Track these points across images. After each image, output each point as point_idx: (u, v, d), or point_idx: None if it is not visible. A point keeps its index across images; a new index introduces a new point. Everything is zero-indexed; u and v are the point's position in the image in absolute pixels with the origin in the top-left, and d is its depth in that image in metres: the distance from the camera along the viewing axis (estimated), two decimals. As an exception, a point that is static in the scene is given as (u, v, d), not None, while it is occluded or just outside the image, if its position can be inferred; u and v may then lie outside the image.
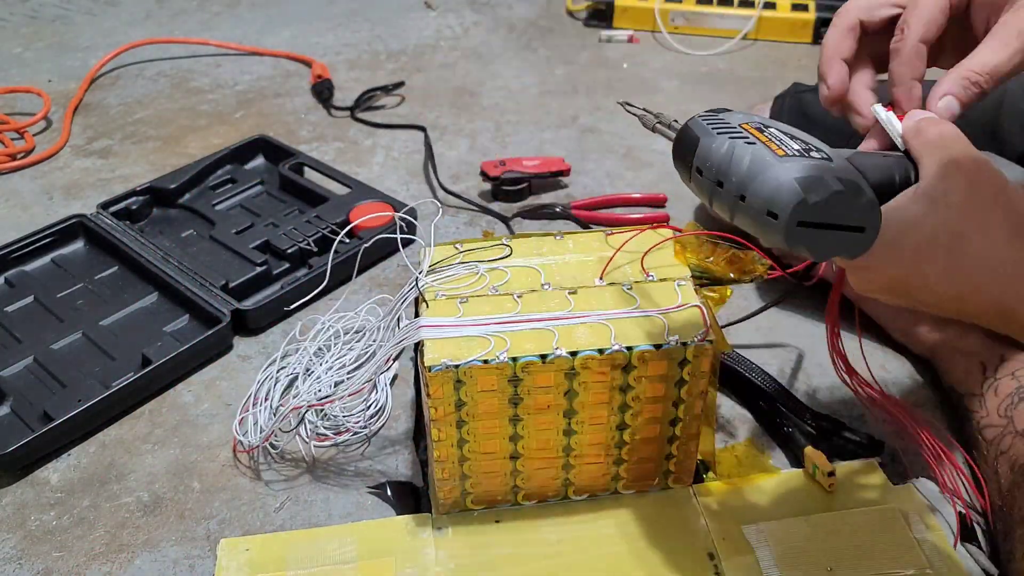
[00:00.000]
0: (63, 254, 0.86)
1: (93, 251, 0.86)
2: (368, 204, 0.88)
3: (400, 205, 0.88)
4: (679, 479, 0.61)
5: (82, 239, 0.87)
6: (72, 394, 0.69)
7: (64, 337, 0.75)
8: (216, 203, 0.92)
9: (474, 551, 0.58)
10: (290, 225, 0.86)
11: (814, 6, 1.30)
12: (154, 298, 0.80)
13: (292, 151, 0.97)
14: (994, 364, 0.64)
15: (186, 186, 0.93)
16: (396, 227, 0.83)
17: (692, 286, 0.57)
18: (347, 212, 0.87)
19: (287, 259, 0.83)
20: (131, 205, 0.89)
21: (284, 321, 0.78)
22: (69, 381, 0.70)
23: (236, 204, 0.93)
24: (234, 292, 0.78)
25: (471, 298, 0.56)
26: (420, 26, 1.36)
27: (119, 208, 0.89)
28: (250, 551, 0.58)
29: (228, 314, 0.74)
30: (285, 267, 0.83)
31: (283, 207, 0.91)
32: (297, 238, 0.84)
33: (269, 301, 0.77)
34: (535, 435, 0.56)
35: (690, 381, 0.54)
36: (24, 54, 1.29)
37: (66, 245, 0.86)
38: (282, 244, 0.83)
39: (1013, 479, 0.57)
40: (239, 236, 0.86)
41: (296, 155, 0.96)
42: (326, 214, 0.87)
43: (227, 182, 0.95)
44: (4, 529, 0.61)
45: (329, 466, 0.66)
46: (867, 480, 0.62)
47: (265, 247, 0.84)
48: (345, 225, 0.84)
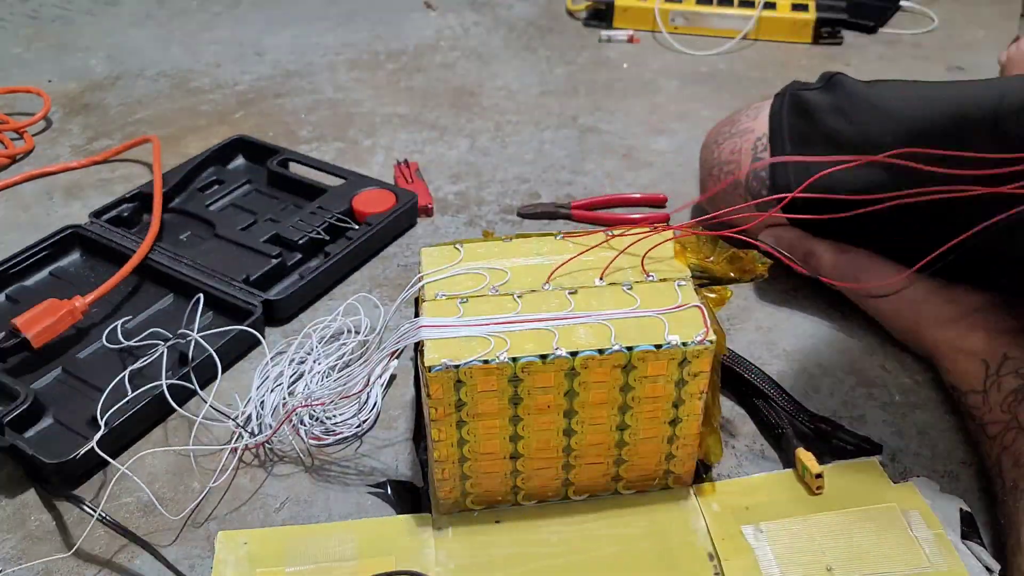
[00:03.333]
0: (61, 266, 0.85)
1: (91, 260, 0.86)
2: (369, 191, 0.89)
3: (400, 192, 0.89)
4: (679, 479, 0.61)
5: (78, 249, 0.86)
6: (111, 399, 0.66)
7: (87, 347, 0.74)
8: (209, 204, 0.92)
9: (474, 551, 0.57)
10: (295, 218, 0.86)
11: (814, 6, 1.30)
12: (170, 299, 0.79)
13: (275, 148, 0.98)
14: (996, 362, 0.64)
15: (173, 191, 0.92)
16: (402, 210, 0.86)
17: (692, 286, 0.57)
18: (349, 200, 0.88)
19: (299, 250, 0.84)
20: (123, 212, 0.89)
21: (309, 308, 0.80)
22: (105, 386, 0.68)
23: (228, 204, 0.93)
24: (255, 285, 0.79)
25: (471, 298, 0.56)
26: (420, 26, 1.36)
27: (112, 215, 0.88)
28: (248, 544, 0.58)
29: (259, 305, 0.75)
30: (298, 258, 0.84)
31: (277, 203, 0.92)
32: (306, 228, 0.85)
33: (295, 290, 0.78)
34: (535, 435, 0.56)
35: (690, 381, 0.54)
36: (24, 54, 1.29)
37: (62, 257, 0.85)
38: (292, 236, 0.84)
39: (1016, 474, 0.57)
40: (246, 232, 0.86)
41: (280, 151, 0.97)
42: (328, 204, 0.88)
43: (214, 183, 0.95)
44: (4, 529, 0.61)
45: (329, 466, 0.66)
46: (867, 478, 0.61)
47: (276, 240, 0.85)
48: (349, 213, 0.87)
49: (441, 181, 0.98)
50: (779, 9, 1.29)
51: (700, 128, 0.91)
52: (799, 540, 0.57)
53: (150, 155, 1.03)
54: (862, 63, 1.23)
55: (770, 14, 1.29)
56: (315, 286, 0.80)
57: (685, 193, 0.95)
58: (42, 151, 1.06)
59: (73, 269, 0.85)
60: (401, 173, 0.98)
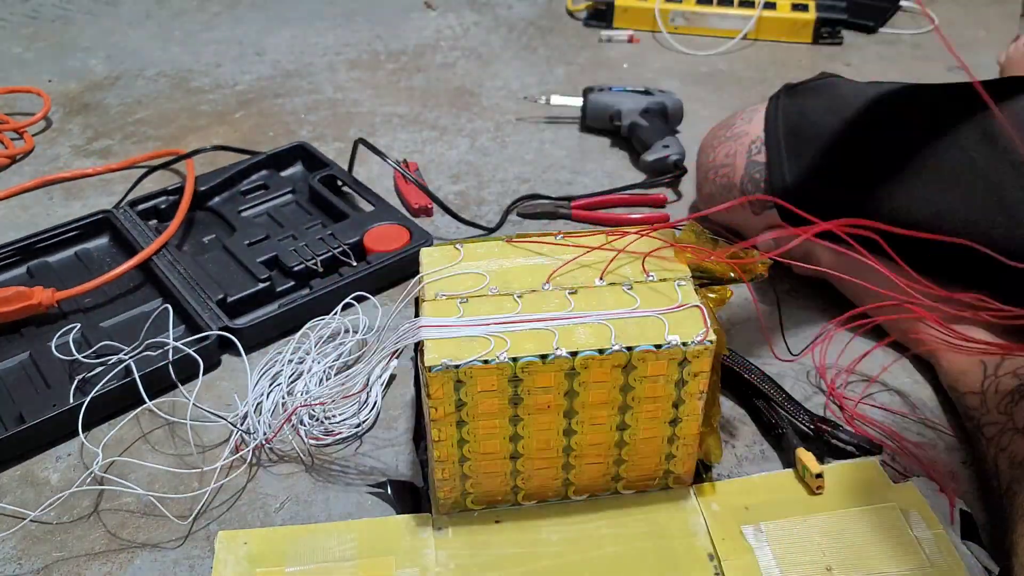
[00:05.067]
0: (87, 248, 0.87)
1: (115, 248, 0.87)
2: (386, 227, 0.85)
3: (418, 231, 0.85)
4: (679, 479, 0.61)
5: (107, 235, 0.88)
6: (49, 399, 0.68)
7: (62, 337, 0.73)
8: (243, 209, 0.91)
9: (474, 551, 0.57)
10: (304, 240, 0.84)
11: (814, 6, 1.30)
12: (157, 304, 0.79)
13: (325, 162, 0.96)
14: (994, 363, 0.64)
15: (217, 189, 0.92)
16: (409, 253, 0.81)
17: (692, 286, 0.57)
18: (362, 233, 0.84)
19: (292, 276, 0.81)
20: (160, 204, 0.89)
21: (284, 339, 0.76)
22: (53, 383, 0.70)
23: (263, 212, 0.92)
24: (230, 308, 0.77)
25: (471, 298, 0.56)
26: (420, 26, 1.36)
27: (147, 207, 0.89)
28: (248, 544, 0.58)
29: (215, 331, 0.73)
30: (290, 284, 0.81)
31: (307, 219, 0.90)
32: (306, 256, 0.81)
33: (264, 320, 0.76)
34: (535, 435, 0.56)
35: (690, 381, 0.54)
36: (24, 54, 1.29)
37: (91, 240, 0.87)
38: (290, 261, 0.81)
39: (1012, 475, 0.57)
40: (252, 248, 0.84)
41: (329, 166, 0.95)
42: (342, 232, 0.84)
43: (259, 188, 0.94)
44: (4, 529, 0.61)
45: (329, 466, 0.66)
46: (867, 478, 0.61)
47: (272, 263, 0.82)
48: (358, 246, 0.83)
49: (441, 181, 0.98)
50: (779, 9, 1.29)
51: (700, 128, 0.91)
52: (799, 540, 0.57)
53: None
54: (862, 63, 1.23)
55: (770, 14, 1.29)
56: (291, 318, 0.76)
57: (685, 193, 0.95)
58: (42, 151, 1.06)
59: (96, 254, 0.86)
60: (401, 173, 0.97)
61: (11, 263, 0.84)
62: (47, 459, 0.67)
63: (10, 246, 0.84)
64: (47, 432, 0.67)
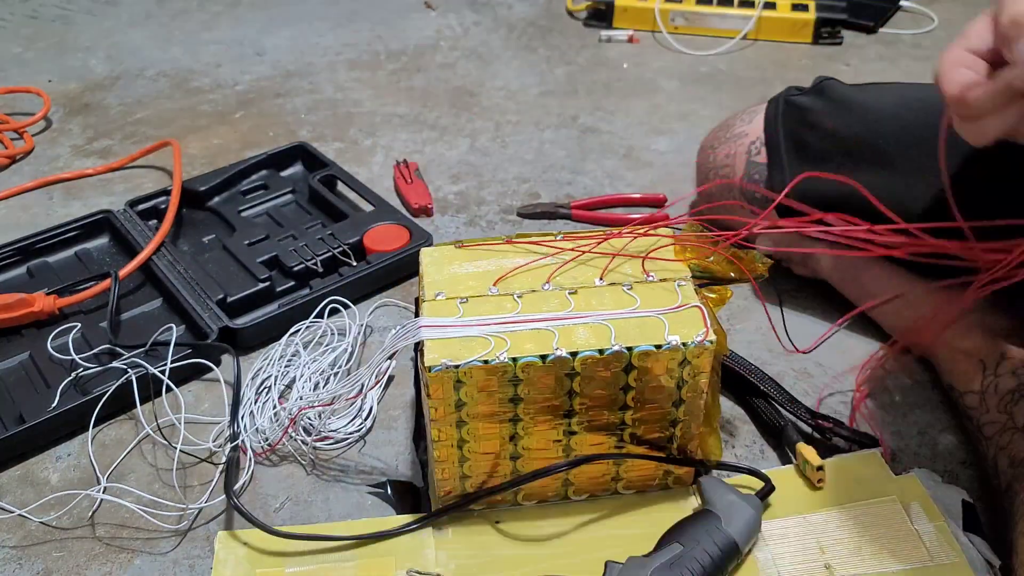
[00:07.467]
0: (87, 248, 0.87)
1: (115, 248, 0.87)
2: (385, 227, 0.85)
3: (418, 231, 0.85)
4: (679, 479, 0.61)
5: (107, 235, 0.88)
6: (49, 399, 0.68)
7: (60, 337, 0.74)
8: (243, 209, 0.91)
9: (474, 551, 0.57)
10: (304, 240, 0.83)
11: (814, 6, 1.30)
12: (157, 304, 0.80)
13: (325, 162, 0.95)
14: (994, 362, 0.64)
15: (217, 189, 0.92)
16: (409, 252, 0.80)
17: (692, 286, 0.57)
18: (362, 233, 0.84)
19: (292, 277, 0.81)
20: (159, 204, 0.89)
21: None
22: (53, 383, 0.70)
23: (263, 212, 0.91)
24: (231, 308, 0.77)
25: (471, 298, 0.56)
26: (420, 26, 1.36)
27: (147, 207, 0.89)
28: (248, 545, 0.58)
29: (216, 330, 0.73)
30: (290, 284, 0.81)
31: (308, 219, 0.90)
32: (306, 256, 0.81)
33: (264, 320, 0.75)
34: (535, 435, 0.56)
35: (690, 381, 0.54)
36: (24, 54, 1.29)
37: (91, 240, 0.87)
38: (290, 261, 0.81)
39: (1013, 474, 0.57)
40: (252, 248, 0.83)
41: (329, 166, 0.95)
42: (342, 232, 0.84)
43: (259, 188, 0.94)
44: (4, 529, 0.61)
45: (329, 466, 0.66)
46: (868, 470, 0.61)
47: (273, 263, 0.82)
48: (358, 247, 0.83)
49: (441, 181, 0.99)
50: (779, 9, 1.29)
51: (700, 128, 0.91)
52: (799, 538, 0.57)
53: (151, 155, 1.03)
54: (862, 63, 1.23)
55: (770, 14, 1.29)
56: (291, 318, 0.76)
57: (685, 193, 0.95)
58: (42, 151, 1.06)
59: (96, 254, 0.86)
60: (400, 173, 0.98)
61: (11, 263, 0.84)
62: (47, 459, 0.67)
63: (10, 246, 0.84)
64: (47, 432, 0.67)
